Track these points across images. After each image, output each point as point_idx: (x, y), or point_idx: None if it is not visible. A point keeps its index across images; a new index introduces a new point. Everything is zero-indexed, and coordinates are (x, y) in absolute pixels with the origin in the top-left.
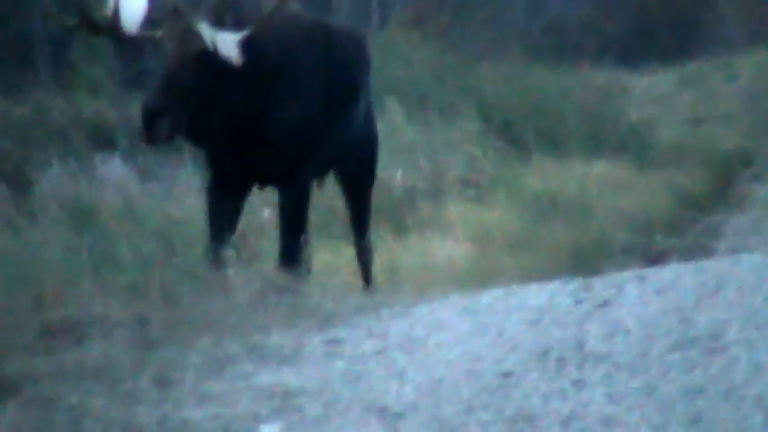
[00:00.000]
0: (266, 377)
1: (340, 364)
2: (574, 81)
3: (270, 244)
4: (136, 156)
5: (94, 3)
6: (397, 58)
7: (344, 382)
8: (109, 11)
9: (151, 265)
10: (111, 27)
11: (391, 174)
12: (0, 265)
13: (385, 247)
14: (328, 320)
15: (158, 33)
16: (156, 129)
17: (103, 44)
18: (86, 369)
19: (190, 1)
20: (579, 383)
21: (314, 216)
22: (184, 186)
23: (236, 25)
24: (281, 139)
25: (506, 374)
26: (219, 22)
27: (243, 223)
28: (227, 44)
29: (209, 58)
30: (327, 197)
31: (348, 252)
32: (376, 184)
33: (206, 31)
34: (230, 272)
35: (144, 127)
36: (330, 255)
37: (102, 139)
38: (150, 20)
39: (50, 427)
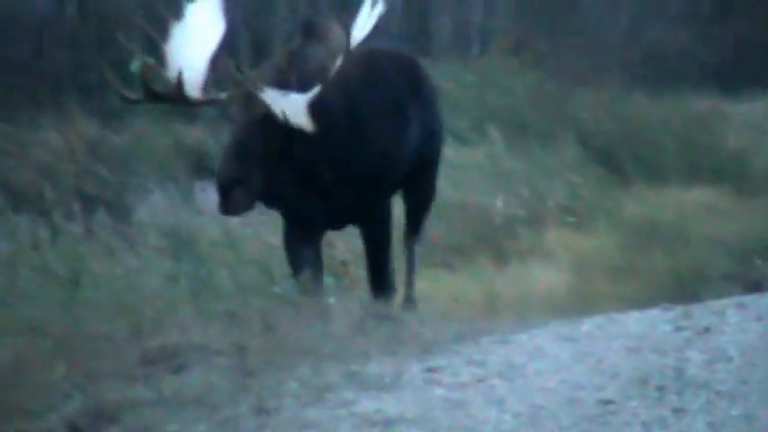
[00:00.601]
0: (366, 405)
1: (439, 391)
2: (672, 108)
3: None
4: None
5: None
6: (496, 86)
7: (444, 409)
8: (171, 77)
9: (250, 292)
10: (175, 94)
11: (491, 201)
12: (100, 292)
13: (484, 275)
14: (427, 348)
15: (222, 96)
16: (233, 199)
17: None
18: (186, 397)
19: (252, 60)
20: (680, 411)
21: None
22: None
23: (302, 82)
24: (362, 179)
25: (606, 402)
26: (284, 83)
27: (343, 251)
28: (296, 109)
29: (277, 120)
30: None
31: (446, 280)
32: (475, 211)
33: (271, 97)
34: (330, 299)
35: (220, 198)
36: (428, 283)
37: (202, 167)
38: (212, 82)
39: None
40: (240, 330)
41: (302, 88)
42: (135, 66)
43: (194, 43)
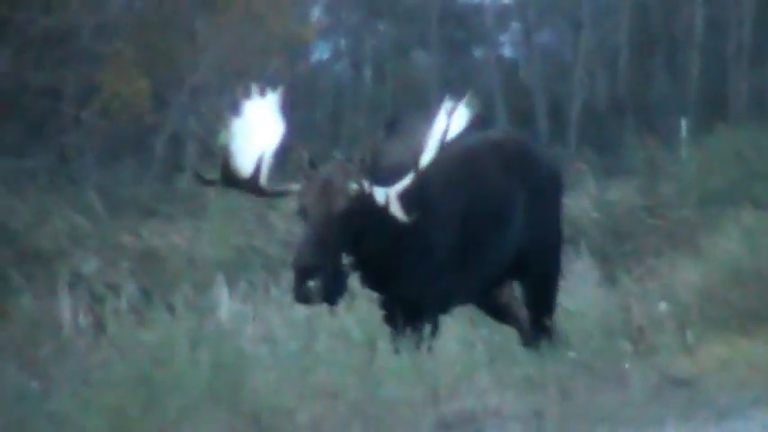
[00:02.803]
0: None
1: None
2: None
3: (667, 337)
4: None
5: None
6: None
7: None
8: (246, 166)
9: (547, 358)
10: (251, 184)
11: None
12: (397, 358)
13: None
14: (724, 413)
15: (295, 187)
16: (309, 288)
17: None
18: None
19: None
20: None
21: (707, 309)
22: (580, 279)
23: (385, 175)
24: (410, 283)
25: None
26: (370, 174)
27: (639, 317)
28: (389, 200)
29: (354, 213)
30: (724, 292)
31: (743, 345)
32: None
33: (368, 187)
34: (626, 365)
35: (296, 287)
36: (725, 348)
37: None
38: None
39: None
40: (536, 396)
41: (381, 179)
42: (223, 137)
43: (254, 139)
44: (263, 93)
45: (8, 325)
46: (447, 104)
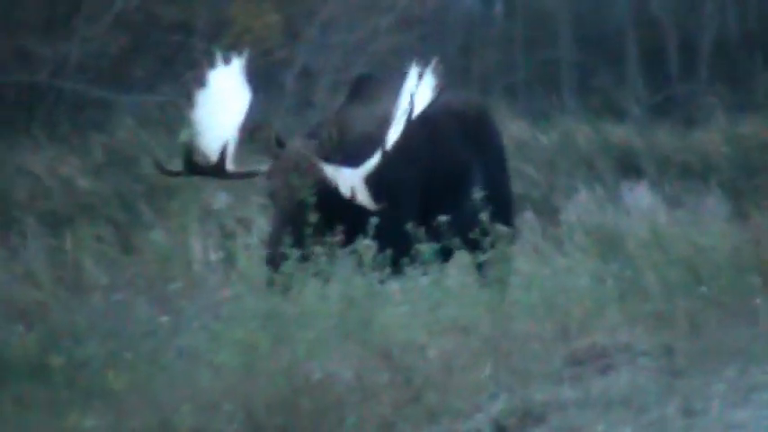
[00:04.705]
0: None
1: None
2: None
3: None
4: (663, 183)
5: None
6: None
7: None
8: (211, 154)
9: (677, 293)
10: (215, 168)
11: None
12: (528, 292)
13: None
14: None
15: (261, 169)
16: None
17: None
18: (612, 398)
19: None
20: None
21: None
22: (711, 214)
23: (347, 151)
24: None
25: None
26: (332, 156)
27: None
28: (354, 183)
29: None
30: None
31: None
32: None
33: (332, 173)
34: (757, 300)
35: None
36: None
37: (629, 167)
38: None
39: None
40: (667, 331)
41: (348, 157)
42: (185, 135)
43: (221, 111)
44: (227, 60)
45: (139, 260)
46: (414, 70)
